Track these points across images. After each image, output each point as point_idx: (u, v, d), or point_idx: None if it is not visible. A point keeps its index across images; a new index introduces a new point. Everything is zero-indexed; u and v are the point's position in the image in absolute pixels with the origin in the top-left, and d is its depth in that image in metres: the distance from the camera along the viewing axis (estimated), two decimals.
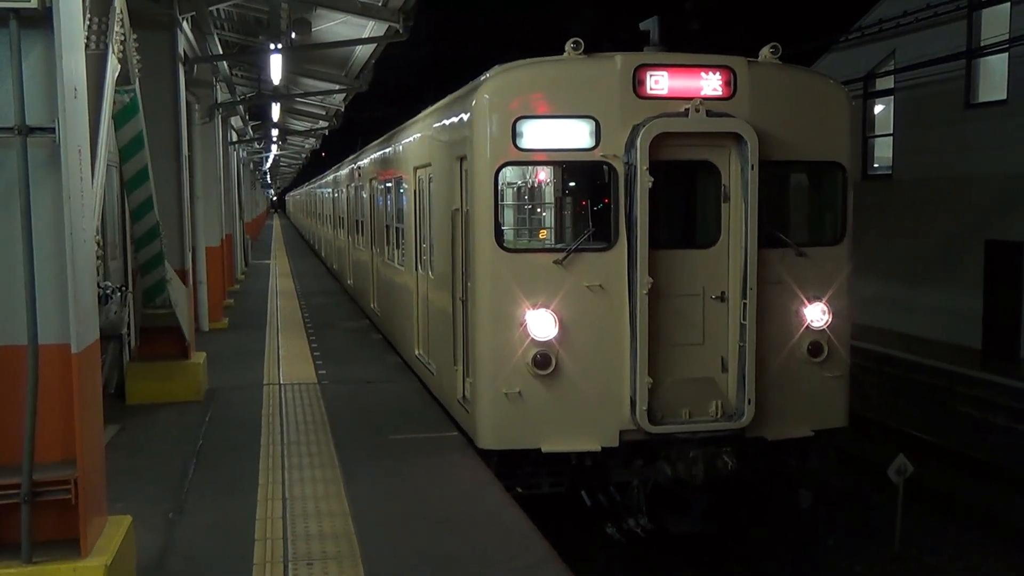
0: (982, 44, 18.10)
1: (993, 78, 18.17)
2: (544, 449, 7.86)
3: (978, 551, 9.53)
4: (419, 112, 11.94)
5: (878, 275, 19.83)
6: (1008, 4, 17.26)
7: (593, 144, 7.83)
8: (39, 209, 4.91)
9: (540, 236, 8.69)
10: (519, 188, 8.73)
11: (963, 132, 18.48)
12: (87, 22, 6.58)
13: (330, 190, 28.22)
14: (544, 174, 8.51)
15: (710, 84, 7.91)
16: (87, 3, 6.54)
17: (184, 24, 12.95)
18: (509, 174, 8.28)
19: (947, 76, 18.57)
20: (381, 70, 18.78)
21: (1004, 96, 17.65)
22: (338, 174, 25.21)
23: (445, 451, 8.68)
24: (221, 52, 16.88)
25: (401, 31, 13.46)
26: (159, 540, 6.54)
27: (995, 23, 17.90)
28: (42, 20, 4.84)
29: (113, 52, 7.01)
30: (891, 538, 9.37)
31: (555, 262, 7.82)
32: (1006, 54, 17.31)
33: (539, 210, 8.68)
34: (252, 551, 6.32)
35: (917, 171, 19.85)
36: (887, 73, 20.94)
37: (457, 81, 9.39)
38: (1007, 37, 17.05)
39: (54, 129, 4.86)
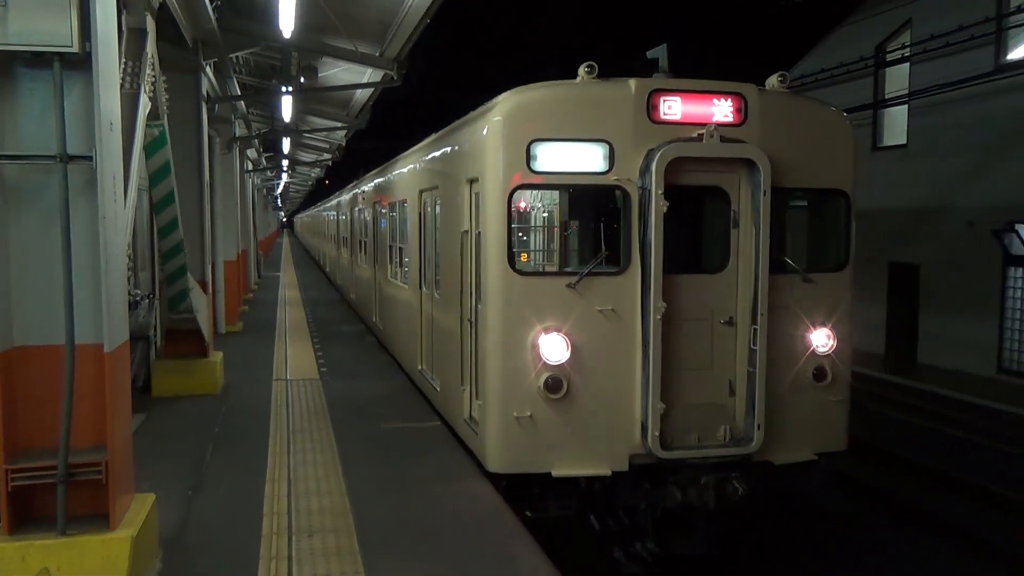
0: (886, 96, 18.47)
1: (895, 126, 18.57)
2: (554, 473, 6.78)
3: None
4: (411, 145, 11.61)
5: None
6: (907, 64, 17.67)
7: (607, 168, 6.80)
8: (77, 227, 4.87)
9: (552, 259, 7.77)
10: (532, 211, 7.91)
11: (871, 171, 18.76)
12: (122, 65, 6.52)
13: (335, 212, 27.57)
14: (557, 197, 7.66)
15: (722, 110, 6.96)
16: (123, 48, 6.48)
17: (207, 68, 12.87)
18: (522, 197, 7.32)
19: (857, 123, 18.82)
20: (378, 110, 18.75)
21: (904, 141, 18.05)
22: (342, 198, 24.69)
23: (429, 438, 8.63)
24: (239, 93, 16.79)
25: (395, 78, 13.44)
26: (180, 514, 6.47)
27: (897, 79, 18.31)
28: (82, 63, 4.82)
29: (145, 91, 6.95)
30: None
31: (567, 286, 6.77)
32: (906, 106, 17.71)
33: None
34: (261, 524, 6.26)
35: None
36: None
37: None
38: (907, 91, 17.45)
39: (92, 157, 4.82)
